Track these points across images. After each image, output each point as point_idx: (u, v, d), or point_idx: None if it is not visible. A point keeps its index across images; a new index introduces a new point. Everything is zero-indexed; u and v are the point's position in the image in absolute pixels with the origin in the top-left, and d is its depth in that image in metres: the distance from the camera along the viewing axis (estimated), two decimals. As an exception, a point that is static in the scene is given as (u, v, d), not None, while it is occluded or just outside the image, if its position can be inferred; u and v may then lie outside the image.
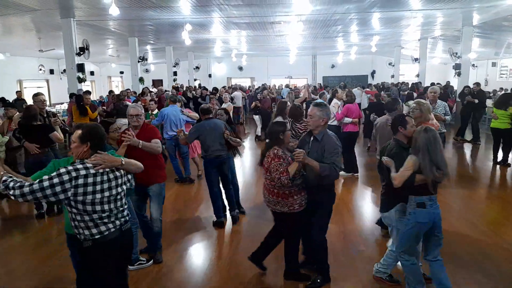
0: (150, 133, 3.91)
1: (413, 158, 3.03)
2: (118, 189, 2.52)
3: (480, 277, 3.69)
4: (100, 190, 2.38)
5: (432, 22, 12.42)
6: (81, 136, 2.43)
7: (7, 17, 9.41)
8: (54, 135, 5.17)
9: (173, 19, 10.76)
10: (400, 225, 3.27)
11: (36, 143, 5.07)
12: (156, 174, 3.92)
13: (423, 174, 2.98)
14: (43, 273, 3.94)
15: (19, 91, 14.25)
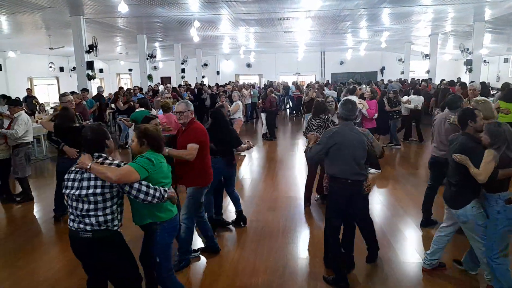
0: (191, 135, 3.65)
1: (492, 152, 3.01)
2: (81, 191, 2.50)
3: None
4: (70, 187, 2.56)
5: (443, 18, 12.24)
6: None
7: (17, 15, 9.50)
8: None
9: (181, 16, 10.77)
10: (480, 217, 3.17)
11: (75, 147, 4.79)
12: (192, 177, 3.74)
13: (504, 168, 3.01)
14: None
15: (30, 88, 14.40)
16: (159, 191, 2.64)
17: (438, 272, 3.74)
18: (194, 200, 3.81)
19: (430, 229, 4.73)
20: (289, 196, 6.13)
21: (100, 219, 2.52)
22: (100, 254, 2.59)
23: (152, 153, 2.77)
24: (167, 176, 2.83)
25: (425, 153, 9.59)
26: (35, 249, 4.49)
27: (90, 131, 2.67)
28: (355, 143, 3.33)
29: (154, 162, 2.69)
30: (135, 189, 2.55)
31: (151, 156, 2.72)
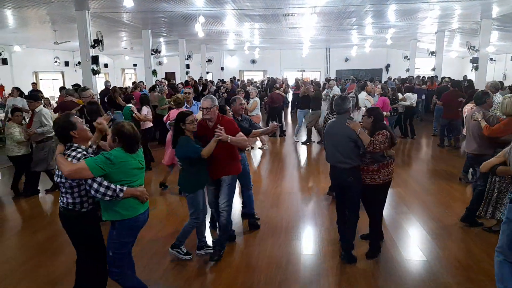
0: (230, 126, 3.75)
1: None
2: (56, 178, 2.86)
3: None
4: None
5: (449, 15, 12.12)
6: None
7: (23, 9, 9.52)
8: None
9: (186, 11, 10.74)
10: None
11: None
12: (229, 166, 3.90)
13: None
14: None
15: (35, 82, 14.45)
16: (112, 190, 2.69)
17: (442, 270, 3.73)
18: (232, 187, 3.97)
19: (435, 226, 4.72)
20: (293, 193, 6.14)
21: (69, 200, 2.85)
22: (68, 229, 2.97)
23: (118, 151, 2.79)
24: (132, 175, 2.84)
25: (421, 148, 9.59)
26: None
27: (55, 123, 2.92)
28: (339, 134, 3.78)
29: (113, 161, 2.71)
30: (87, 184, 2.71)
31: (112, 154, 2.74)
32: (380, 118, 3.89)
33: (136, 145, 2.88)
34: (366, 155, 3.79)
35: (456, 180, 6.68)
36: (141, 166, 2.94)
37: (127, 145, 2.82)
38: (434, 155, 8.78)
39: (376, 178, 3.82)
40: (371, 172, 3.82)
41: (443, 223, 4.87)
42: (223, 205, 3.91)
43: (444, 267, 3.79)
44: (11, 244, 4.64)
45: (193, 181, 3.77)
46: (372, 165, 3.81)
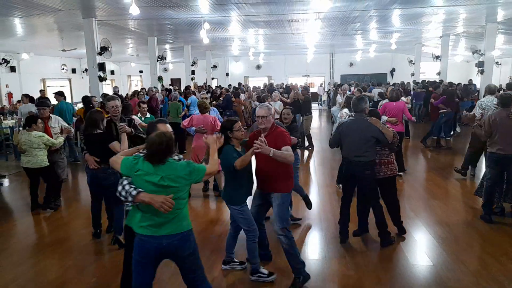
0: (280, 138, 3.43)
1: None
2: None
3: None
4: None
5: (454, 19, 12.12)
6: None
7: (31, 18, 9.68)
8: (112, 145, 4.27)
9: (191, 18, 10.85)
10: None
11: (96, 156, 4.33)
12: (278, 182, 3.51)
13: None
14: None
15: (43, 90, 14.63)
16: (125, 191, 2.55)
17: (449, 275, 3.71)
18: (287, 206, 3.59)
19: (442, 230, 4.69)
20: (296, 196, 6.12)
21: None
22: None
23: (141, 157, 2.64)
24: (147, 188, 2.56)
25: (417, 151, 9.54)
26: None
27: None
28: (360, 131, 4.09)
29: (134, 165, 2.60)
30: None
31: (136, 157, 2.66)
32: (378, 116, 4.38)
33: (155, 157, 2.56)
34: (385, 148, 4.20)
35: (460, 182, 6.67)
36: (162, 183, 2.55)
37: (146, 153, 2.61)
38: (434, 156, 8.77)
39: (394, 168, 4.32)
40: (390, 164, 4.29)
41: (449, 227, 4.84)
42: (278, 230, 3.49)
43: (451, 272, 3.76)
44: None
45: (237, 194, 3.52)
46: (390, 157, 4.28)
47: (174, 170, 2.59)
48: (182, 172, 2.60)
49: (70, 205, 6.15)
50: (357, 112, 4.25)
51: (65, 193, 6.54)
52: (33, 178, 5.65)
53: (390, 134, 4.06)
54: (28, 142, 5.40)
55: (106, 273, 3.91)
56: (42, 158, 5.49)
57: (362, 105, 4.19)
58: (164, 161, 2.58)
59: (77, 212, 5.79)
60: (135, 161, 2.62)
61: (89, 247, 4.53)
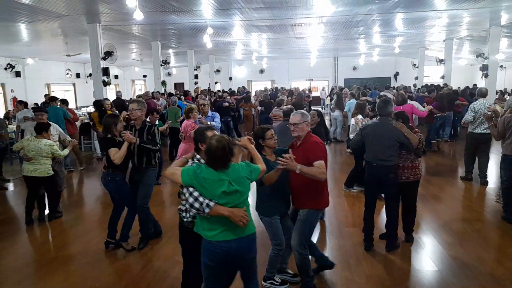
0: (310, 151, 3.17)
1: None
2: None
3: None
4: None
5: (458, 23, 12.10)
6: None
7: (36, 23, 9.76)
8: (109, 151, 4.17)
9: (195, 23, 10.90)
10: None
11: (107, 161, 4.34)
12: (305, 199, 3.31)
13: None
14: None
15: (48, 94, 14.74)
16: (199, 203, 2.50)
17: (454, 280, 3.67)
18: (310, 224, 3.36)
19: (447, 235, 4.66)
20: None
21: (180, 206, 2.89)
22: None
23: (204, 165, 2.62)
24: (216, 195, 2.52)
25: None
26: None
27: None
28: (385, 135, 4.06)
29: (197, 173, 2.56)
30: (185, 192, 2.63)
31: (201, 166, 2.61)
32: (407, 120, 4.25)
33: (218, 163, 2.54)
34: (410, 153, 4.15)
35: (464, 185, 6.65)
36: (232, 189, 2.55)
37: (209, 160, 2.58)
38: (437, 159, 8.71)
39: (418, 173, 4.24)
40: (415, 168, 4.21)
41: (454, 231, 4.80)
42: (293, 244, 3.33)
43: (456, 277, 3.73)
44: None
45: (267, 205, 3.38)
46: (415, 161, 4.20)
47: (238, 172, 2.60)
48: (244, 172, 2.63)
49: (70, 212, 6.16)
50: (382, 115, 4.22)
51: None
52: (34, 188, 5.39)
53: (416, 139, 4.01)
54: (37, 150, 5.19)
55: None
56: (48, 166, 5.33)
57: (388, 108, 4.20)
58: (228, 165, 2.57)
59: (79, 219, 5.80)
60: (198, 170, 2.57)
61: (98, 255, 4.52)
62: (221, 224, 2.57)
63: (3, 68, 14.86)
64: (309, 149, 3.20)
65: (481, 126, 6.49)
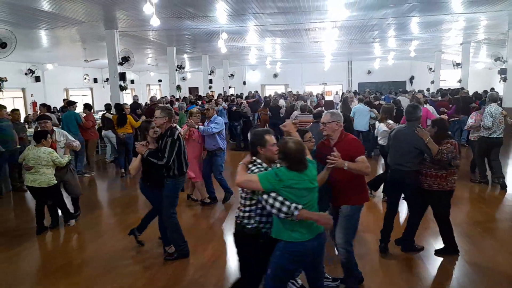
0: (352, 148, 3.27)
1: None
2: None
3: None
4: None
5: (475, 26, 11.92)
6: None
7: (56, 30, 10.04)
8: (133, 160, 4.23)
9: (209, 28, 11.04)
10: None
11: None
12: (351, 195, 3.33)
13: None
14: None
15: (66, 99, 15.09)
16: (286, 206, 2.52)
17: (470, 287, 3.61)
18: (356, 220, 3.40)
19: (463, 241, 4.56)
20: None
21: (240, 214, 2.84)
22: (235, 241, 2.94)
23: (284, 169, 2.62)
24: (300, 195, 2.59)
25: None
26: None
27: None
28: (406, 140, 4.07)
29: (281, 177, 2.57)
30: (263, 198, 2.61)
31: (281, 170, 2.61)
32: (445, 128, 4.14)
33: (301, 164, 2.63)
34: (434, 161, 4.01)
35: (478, 189, 6.60)
36: (312, 186, 2.67)
37: (291, 164, 2.61)
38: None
39: (444, 184, 4.04)
40: (439, 178, 4.03)
41: (470, 237, 4.69)
42: (340, 242, 3.37)
43: (473, 284, 3.66)
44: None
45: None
46: (442, 171, 4.01)
47: (313, 170, 2.72)
48: (315, 169, 2.75)
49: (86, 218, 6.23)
50: (410, 120, 4.21)
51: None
52: (38, 198, 5.19)
53: (434, 150, 3.89)
54: (36, 159, 4.95)
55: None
56: (49, 176, 5.06)
57: (417, 113, 4.19)
58: (308, 164, 2.67)
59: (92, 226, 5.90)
60: (280, 173, 2.58)
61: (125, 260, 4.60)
62: (303, 224, 2.62)
63: (23, 73, 15.29)
64: (350, 146, 3.29)
65: (498, 130, 6.50)
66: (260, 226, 2.80)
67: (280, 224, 2.66)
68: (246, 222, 2.81)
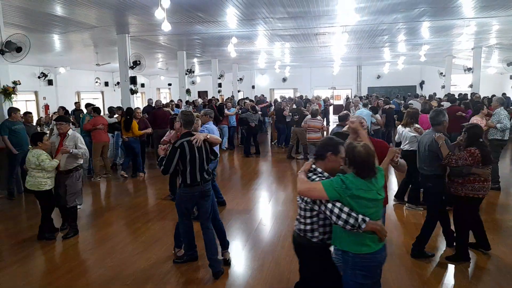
0: (382, 149, 3.24)
1: None
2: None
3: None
4: None
5: (487, 31, 11.81)
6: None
7: (69, 34, 10.21)
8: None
9: (219, 33, 11.11)
10: None
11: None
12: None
13: None
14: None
15: (78, 102, 15.31)
16: (353, 218, 2.37)
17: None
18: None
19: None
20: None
21: (301, 227, 2.70)
22: (298, 255, 2.84)
23: (352, 176, 2.47)
24: (365, 206, 2.44)
25: None
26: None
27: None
28: (424, 144, 4.29)
29: (348, 186, 2.42)
30: (327, 208, 2.46)
31: (348, 177, 2.46)
32: (475, 135, 4.03)
33: (370, 171, 2.46)
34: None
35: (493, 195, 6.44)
36: (379, 197, 2.49)
37: (359, 170, 2.46)
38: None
39: (459, 190, 4.05)
40: (456, 183, 4.07)
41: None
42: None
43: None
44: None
45: None
46: (457, 178, 4.05)
47: (381, 179, 2.55)
48: (383, 178, 2.58)
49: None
50: (433, 125, 4.36)
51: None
52: (40, 204, 5.14)
53: (444, 154, 3.99)
54: (27, 161, 4.91)
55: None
56: (40, 180, 4.89)
57: (440, 118, 4.30)
58: (376, 171, 2.52)
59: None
60: (347, 181, 2.44)
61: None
62: (370, 235, 2.47)
63: (36, 77, 15.56)
64: (381, 148, 3.29)
65: (507, 132, 6.79)
66: (326, 237, 2.67)
67: (346, 235, 2.49)
68: (310, 236, 2.65)
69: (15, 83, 7.37)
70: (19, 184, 7.41)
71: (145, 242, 4.98)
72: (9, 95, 7.22)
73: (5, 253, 4.77)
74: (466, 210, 4.11)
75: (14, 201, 7.04)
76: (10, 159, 7.07)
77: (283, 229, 5.27)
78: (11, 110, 7.05)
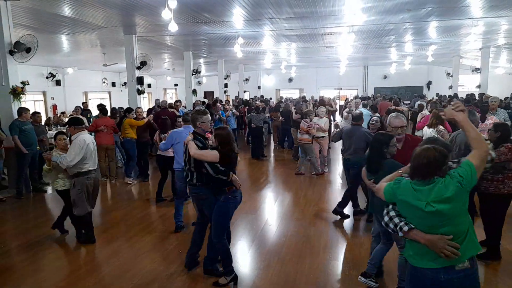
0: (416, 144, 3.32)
1: None
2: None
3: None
4: None
5: (495, 30, 11.69)
6: None
7: (76, 35, 10.29)
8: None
9: (226, 33, 11.14)
10: None
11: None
12: None
13: None
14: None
15: (85, 102, 15.42)
16: (393, 223, 2.28)
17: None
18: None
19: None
20: (330, 211, 6.06)
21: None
22: None
23: (402, 180, 2.37)
24: (413, 215, 2.25)
25: None
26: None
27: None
28: (457, 144, 4.50)
29: (395, 189, 2.34)
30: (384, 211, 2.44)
31: (402, 181, 2.34)
32: (507, 132, 4.11)
33: (419, 173, 2.21)
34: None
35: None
36: (432, 209, 2.14)
37: (412, 172, 2.28)
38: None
39: (501, 187, 4.03)
40: (496, 181, 4.04)
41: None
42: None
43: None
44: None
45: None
46: (496, 175, 4.02)
47: (443, 191, 2.14)
48: (452, 189, 2.13)
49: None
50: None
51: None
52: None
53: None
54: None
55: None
56: (54, 178, 5.02)
57: (471, 118, 4.30)
58: (430, 180, 2.18)
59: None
60: (395, 185, 2.35)
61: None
62: (423, 249, 2.22)
63: (44, 77, 15.70)
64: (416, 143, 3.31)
65: None
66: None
67: (407, 243, 2.38)
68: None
69: (23, 83, 7.43)
70: (28, 183, 7.49)
71: (150, 242, 5.01)
72: (18, 95, 7.29)
73: (14, 252, 4.83)
74: (500, 208, 4.12)
75: (22, 200, 7.11)
76: (19, 159, 7.13)
77: (289, 229, 5.28)
78: (21, 110, 7.12)
